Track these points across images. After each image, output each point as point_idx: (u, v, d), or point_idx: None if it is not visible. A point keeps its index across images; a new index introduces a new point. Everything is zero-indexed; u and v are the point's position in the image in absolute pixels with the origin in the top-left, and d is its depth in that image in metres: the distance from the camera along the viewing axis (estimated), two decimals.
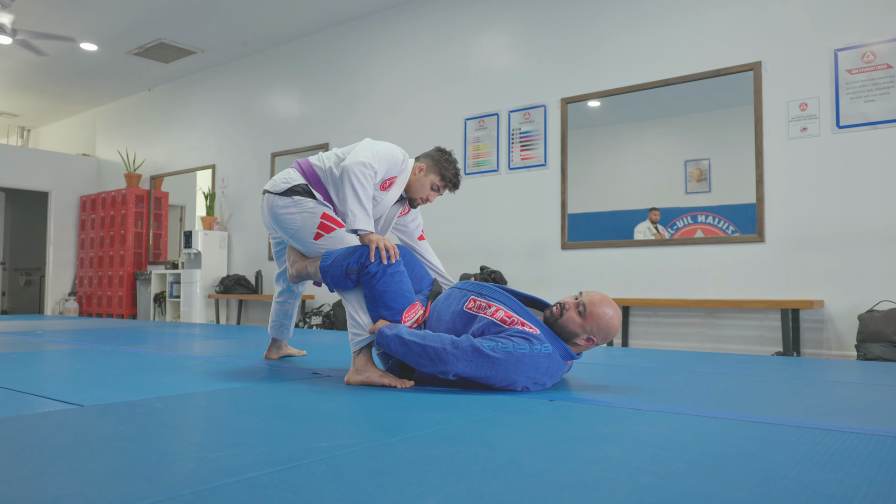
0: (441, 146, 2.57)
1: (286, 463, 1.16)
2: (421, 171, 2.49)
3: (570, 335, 2.05)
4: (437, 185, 2.49)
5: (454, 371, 1.94)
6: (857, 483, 1.07)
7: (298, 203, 2.40)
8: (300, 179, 2.45)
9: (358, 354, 2.21)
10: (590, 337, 2.05)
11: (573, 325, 2.04)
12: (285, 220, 2.42)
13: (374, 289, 2.14)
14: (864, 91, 3.86)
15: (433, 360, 1.96)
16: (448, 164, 2.49)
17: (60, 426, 1.51)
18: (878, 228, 3.78)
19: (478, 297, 2.12)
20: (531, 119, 5.16)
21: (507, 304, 2.07)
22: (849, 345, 3.83)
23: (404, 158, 2.45)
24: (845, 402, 1.93)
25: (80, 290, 8.93)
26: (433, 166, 2.48)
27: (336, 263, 2.21)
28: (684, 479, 1.09)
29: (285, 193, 2.42)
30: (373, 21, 6.32)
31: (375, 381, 2.15)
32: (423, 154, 2.54)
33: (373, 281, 2.14)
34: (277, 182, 2.46)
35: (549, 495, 1.00)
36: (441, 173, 2.48)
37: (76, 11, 6.29)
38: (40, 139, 10.77)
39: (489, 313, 2.06)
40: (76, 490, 1.00)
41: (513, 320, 2.02)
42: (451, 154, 2.53)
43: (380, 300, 2.15)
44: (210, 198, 7.58)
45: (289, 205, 2.41)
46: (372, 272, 2.13)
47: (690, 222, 4.48)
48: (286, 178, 2.45)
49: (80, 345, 3.74)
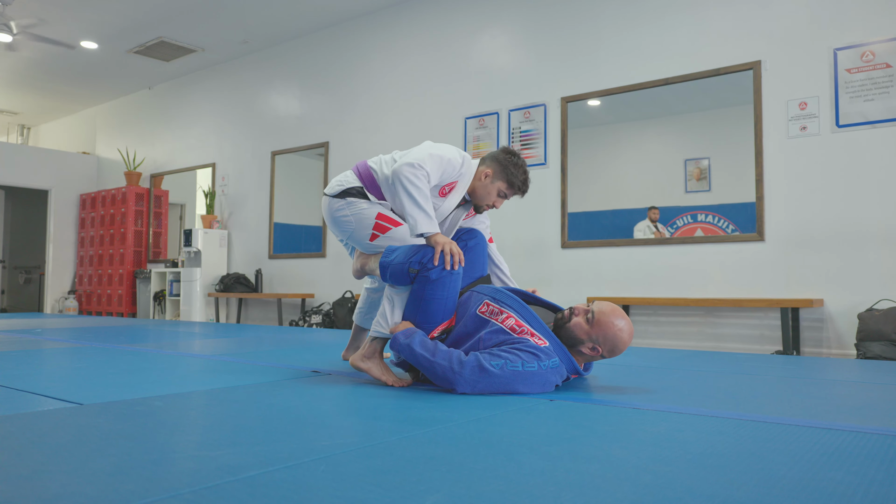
0: (507, 147, 2.43)
1: (286, 462, 1.16)
2: (487, 178, 2.36)
3: (575, 341, 2.04)
4: (504, 192, 2.37)
5: (459, 389, 1.93)
6: (856, 482, 1.07)
7: (352, 205, 2.37)
8: (355, 182, 2.41)
9: (372, 341, 2.22)
10: (595, 346, 2.02)
11: (579, 330, 2.03)
12: (341, 222, 2.40)
13: (424, 295, 2.10)
14: (863, 90, 3.86)
15: (440, 378, 1.96)
16: (516, 170, 2.34)
17: (60, 424, 1.51)
18: (878, 227, 3.78)
19: (492, 301, 2.11)
20: (531, 118, 5.16)
21: (518, 313, 2.05)
22: (848, 344, 3.83)
23: (463, 161, 2.33)
24: (845, 400, 1.93)
25: (80, 289, 8.92)
26: (500, 172, 2.35)
27: (398, 260, 2.15)
28: (684, 478, 1.09)
29: (339, 196, 2.40)
30: (373, 20, 6.31)
31: (374, 374, 2.16)
32: (489, 156, 2.40)
33: (427, 286, 2.09)
34: (333, 185, 2.45)
35: (550, 494, 1.00)
36: (509, 180, 2.34)
37: (76, 9, 6.29)
38: (40, 137, 10.77)
39: (500, 319, 2.04)
40: (76, 488, 1.00)
41: (522, 329, 2.00)
42: (518, 157, 2.37)
43: (423, 306, 2.11)
44: (210, 196, 7.58)
45: (342, 207, 2.38)
46: (431, 277, 2.07)
47: (690, 221, 4.48)
48: (341, 181, 2.43)
49: (80, 343, 3.74)
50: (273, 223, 7.02)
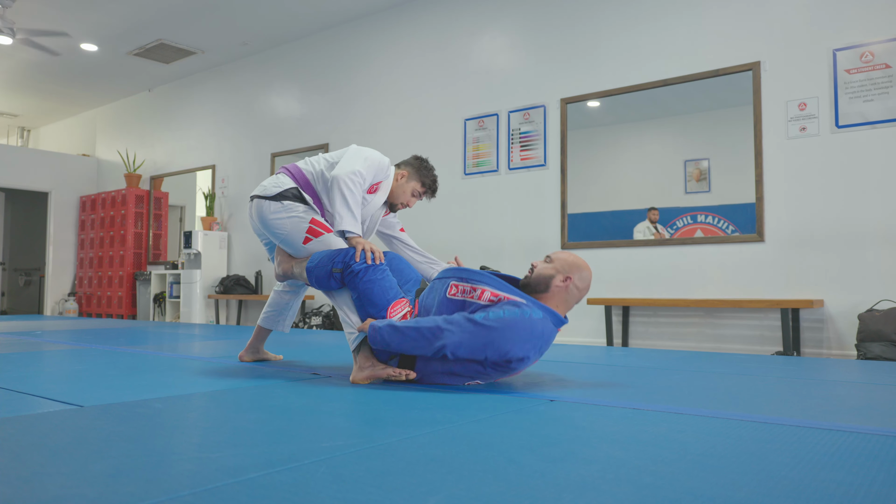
0: (418, 154, 2.75)
1: (286, 463, 1.16)
2: (403, 178, 2.62)
3: (546, 281, 2.12)
4: (417, 192, 2.64)
5: (451, 345, 1.96)
6: (857, 482, 1.07)
7: (288, 208, 2.44)
8: (290, 184, 2.48)
9: (358, 353, 2.23)
10: (566, 276, 2.11)
11: (545, 270, 2.13)
12: (275, 224, 2.45)
13: (358, 287, 2.20)
14: (862, 91, 3.86)
15: (428, 339, 1.99)
16: (427, 172, 2.65)
17: (60, 426, 1.51)
18: (878, 228, 3.78)
19: (459, 281, 2.15)
20: (531, 119, 5.16)
21: (490, 284, 2.11)
22: (849, 344, 3.83)
23: (389, 164, 2.56)
24: (845, 401, 1.93)
25: (80, 291, 8.92)
26: (414, 173, 2.63)
27: (321, 264, 2.28)
28: (685, 479, 1.09)
29: (275, 198, 2.45)
30: (373, 21, 6.32)
31: (380, 374, 2.17)
32: (403, 162, 2.69)
33: (356, 279, 2.19)
34: (268, 187, 2.50)
35: (550, 495, 1.00)
36: (422, 180, 2.64)
37: (76, 11, 6.29)
38: (40, 139, 10.77)
39: (476, 296, 2.09)
40: (76, 490, 1.00)
41: (499, 297, 2.07)
42: (428, 161, 2.69)
43: (364, 297, 2.20)
44: (210, 198, 7.58)
45: (279, 210, 2.44)
46: (355, 270, 2.19)
47: (690, 222, 4.48)
48: (276, 183, 2.49)
49: (80, 345, 3.73)
50: None
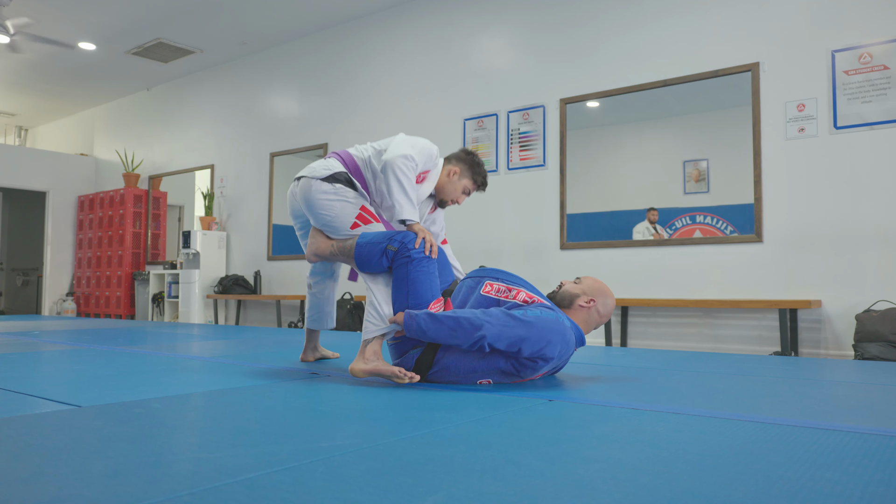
0: (466, 148, 2.63)
1: (285, 463, 1.16)
2: (455, 175, 2.52)
3: (571, 298, 2.23)
4: (468, 189, 2.56)
5: (489, 335, 1.97)
6: (854, 482, 1.07)
7: (340, 191, 2.38)
8: (341, 168, 2.42)
9: (368, 343, 2.21)
10: (590, 299, 2.22)
11: (572, 289, 2.25)
12: (323, 205, 2.39)
13: (409, 274, 2.18)
14: (861, 92, 3.86)
15: (467, 330, 1.98)
16: (479, 169, 2.55)
17: (58, 427, 1.50)
18: (876, 228, 3.79)
19: (494, 280, 2.22)
20: (530, 119, 5.17)
21: (525, 287, 2.22)
22: (846, 344, 3.84)
23: (437, 154, 2.48)
24: (843, 401, 1.93)
25: (78, 291, 8.91)
26: (466, 171, 2.53)
27: (375, 240, 2.24)
28: (683, 479, 1.09)
29: (327, 179, 2.39)
30: (372, 21, 6.32)
31: (384, 370, 2.15)
32: (454, 156, 2.57)
33: (409, 265, 2.17)
34: (317, 168, 2.43)
35: (548, 495, 1.00)
36: (474, 178, 2.55)
37: (74, 11, 6.28)
38: (38, 139, 10.76)
39: (511, 296, 2.17)
40: (74, 491, 1.00)
41: (533, 299, 2.16)
42: (478, 156, 2.58)
43: (412, 287, 2.18)
44: (208, 198, 7.57)
45: (329, 191, 2.38)
46: (413, 257, 2.17)
47: (689, 222, 4.48)
48: (327, 166, 2.43)
49: (78, 345, 3.73)
50: (272, 224, 7.02)
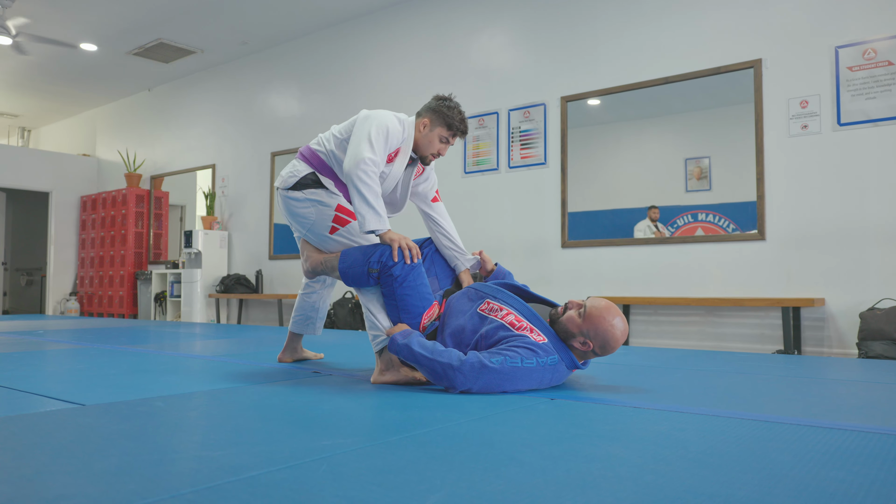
0: (439, 94, 2.42)
1: (287, 462, 1.16)
2: (425, 127, 2.35)
3: (568, 335, 2.04)
4: (445, 137, 2.37)
5: (459, 385, 1.93)
6: (858, 481, 1.07)
7: (310, 196, 2.33)
8: (306, 169, 2.37)
9: (381, 354, 2.20)
10: (585, 341, 2.01)
11: (571, 324, 2.03)
12: (298, 213, 2.35)
13: (396, 293, 2.14)
14: (865, 88, 3.85)
15: (439, 377, 1.96)
16: (449, 111, 2.34)
17: (62, 425, 1.51)
18: (880, 226, 3.78)
19: (493, 300, 2.15)
20: (531, 117, 5.16)
21: (517, 309, 2.09)
22: (850, 343, 3.83)
23: (404, 127, 2.33)
24: (846, 400, 1.93)
25: (81, 290, 8.93)
26: (436, 118, 2.34)
27: (356, 264, 2.20)
28: (685, 478, 1.09)
29: (294, 188, 2.35)
30: (372, 20, 6.32)
31: (402, 379, 2.14)
32: (423, 107, 2.40)
33: (394, 284, 2.14)
34: (285, 177, 2.39)
35: (550, 493, 1.00)
36: (447, 122, 2.34)
37: (76, 12, 6.29)
38: (41, 139, 10.78)
39: (500, 316, 2.08)
40: (78, 489, 1.00)
41: (521, 325, 2.02)
42: (451, 99, 2.38)
43: (400, 304, 2.15)
44: (210, 197, 7.58)
45: (300, 199, 2.34)
46: (395, 275, 2.13)
47: (691, 220, 4.48)
48: (293, 172, 2.38)
49: (82, 344, 3.74)
50: (273, 224, 7.03)
